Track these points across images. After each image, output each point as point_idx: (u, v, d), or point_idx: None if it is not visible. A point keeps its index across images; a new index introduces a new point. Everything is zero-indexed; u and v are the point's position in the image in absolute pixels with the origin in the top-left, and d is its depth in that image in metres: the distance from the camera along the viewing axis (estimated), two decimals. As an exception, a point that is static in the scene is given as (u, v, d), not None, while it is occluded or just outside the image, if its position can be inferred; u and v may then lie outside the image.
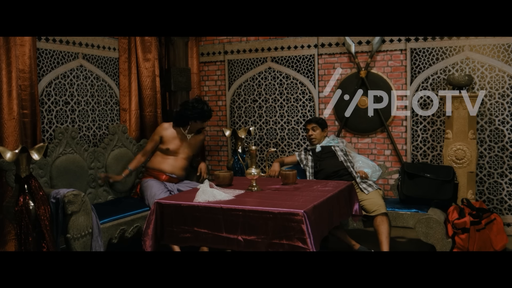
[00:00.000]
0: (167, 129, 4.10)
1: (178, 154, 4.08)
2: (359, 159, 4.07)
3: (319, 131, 4.18)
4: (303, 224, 2.55)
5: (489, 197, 4.54)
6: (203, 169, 4.25)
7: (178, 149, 4.08)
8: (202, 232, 2.81)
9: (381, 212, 3.66)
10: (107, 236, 3.50)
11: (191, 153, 4.17)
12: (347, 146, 4.26)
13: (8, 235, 3.64)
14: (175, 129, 4.11)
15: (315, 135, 4.17)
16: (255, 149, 3.24)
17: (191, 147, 4.16)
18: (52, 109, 4.11)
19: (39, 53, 3.99)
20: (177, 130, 4.11)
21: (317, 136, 4.17)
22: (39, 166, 3.62)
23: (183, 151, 4.10)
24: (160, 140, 4.08)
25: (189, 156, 4.16)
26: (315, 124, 4.19)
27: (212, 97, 5.65)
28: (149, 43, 4.80)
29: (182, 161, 4.10)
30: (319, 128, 4.19)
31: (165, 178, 4.03)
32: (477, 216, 3.61)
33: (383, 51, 4.82)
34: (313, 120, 4.22)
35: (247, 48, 5.40)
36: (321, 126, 4.20)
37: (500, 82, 4.42)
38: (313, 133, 4.17)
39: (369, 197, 3.74)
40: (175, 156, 4.07)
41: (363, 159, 4.09)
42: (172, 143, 4.06)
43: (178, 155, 4.08)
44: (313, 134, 4.17)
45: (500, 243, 3.62)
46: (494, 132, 4.46)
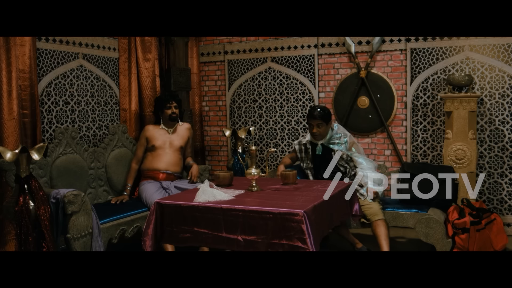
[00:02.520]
0: (149, 129, 4.21)
1: (166, 148, 4.13)
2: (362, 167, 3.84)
3: (325, 126, 3.87)
4: (303, 224, 2.55)
5: (489, 197, 4.54)
6: (193, 173, 4.17)
7: (164, 143, 4.14)
8: (202, 232, 2.81)
9: (378, 219, 3.67)
10: (107, 236, 3.50)
11: (179, 145, 4.20)
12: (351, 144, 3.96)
13: (8, 235, 3.64)
14: (157, 127, 4.23)
15: (320, 132, 3.88)
16: (255, 149, 3.23)
17: (177, 138, 4.21)
18: (52, 109, 4.11)
19: (39, 53, 3.99)
20: (158, 127, 4.22)
21: (322, 133, 3.89)
22: (39, 166, 3.62)
23: (170, 145, 4.16)
24: (147, 141, 4.16)
25: (179, 147, 4.20)
26: (321, 121, 3.85)
27: (212, 97, 5.65)
28: (149, 43, 4.80)
29: (172, 154, 4.13)
30: (324, 124, 3.87)
31: (162, 176, 4.04)
32: (477, 216, 3.61)
33: (383, 51, 4.82)
34: (317, 116, 3.84)
35: (247, 48, 5.40)
36: (326, 121, 3.87)
37: (500, 82, 4.42)
38: (318, 130, 3.87)
39: (366, 203, 3.73)
40: (164, 151, 4.12)
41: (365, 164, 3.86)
42: (157, 139, 4.14)
43: (166, 149, 4.13)
44: (318, 131, 3.87)
45: (500, 243, 3.62)
46: (494, 132, 4.46)
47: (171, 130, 4.21)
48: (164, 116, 4.21)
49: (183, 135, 4.27)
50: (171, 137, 4.18)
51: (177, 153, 4.17)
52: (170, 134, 4.19)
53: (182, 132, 4.27)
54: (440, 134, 4.65)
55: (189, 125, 4.46)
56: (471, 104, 4.13)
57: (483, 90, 4.45)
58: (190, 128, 4.41)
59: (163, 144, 4.13)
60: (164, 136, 4.16)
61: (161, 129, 4.20)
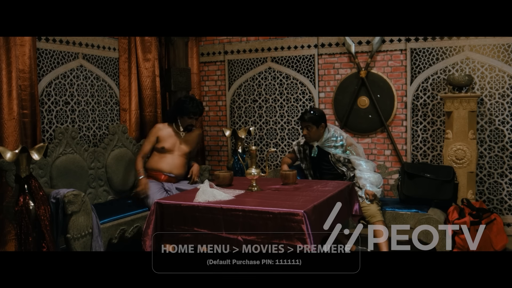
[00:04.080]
0: (162, 129, 4.12)
1: (174, 151, 4.09)
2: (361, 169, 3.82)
3: (314, 129, 3.85)
4: (303, 224, 2.55)
5: (489, 197, 4.54)
6: (194, 172, 4.16)
7: (174, 146, 4.08)
8: (202, 232, 2.81)
9: (376, 220, 3.68)
10: (107, 236, 3.50)
11: (187, 150, 4.16)
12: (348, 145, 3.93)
13: (8, 235, 3.64)
14: (169, 127, 4.12)
15: (310, 134, 3.87)
16: (255, 149, 3.23)
17: (187, 143, 4.15)
18: (52, 109, 4.11)
19: (39, 53, 3.99)
20: (171, 128, 4.12)
21: (312, 135, 3.87)
22: (39, 166, 3.62)
23: (179, 148, 4.10)
24: (156, 140, 4.09)
25: (186, 153, 4.15)
26: (310, 124, 3.83)
27: (212, 97, 5.65)
28: (149, 43, 4.80)
29: (179, 158, 4.10)
30: (313, 126, 3.84)
31: (164, 178, 4.03)
32: (477, 216, 3.61)
33: (383, 51, 4.82)
34: (307, 119, 3.83)
35: (247, 48, 5.40)
36: (315, 124, 3.84)
37: (500, 82, 4.42)
38: (307, 132, 3.87)
39: (364, 205, 3.73)
40: (171, 154, 4.07)
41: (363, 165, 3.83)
42: (167, 141, 4.07)
43: (174, 152, 4.08)
44: (307, 133, 3.87)
45: (500, 243, 3.62)
46: (494, 132, 4.46)
47: (183, 134, 4.14)
48: (184, 121, 4.09)
49: (193, 141, 4.23)
50: (180, 141, 4.11)
51: (184, 157, 4.14)
52: (181, 138, 4.12)
53: (192, 138, 4.21)
54: (440, 134, 4.65)
55: (200, 130, 4.41)
56: (471, 104, 4.13)
57: (483, 90, 4.45)
58: (201, 134, 4.37)
59: (172, 147, 4.07)
60: (174, 139, 4.08)
61: (174, 130, 4.11)
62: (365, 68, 4.84)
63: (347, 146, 3.91)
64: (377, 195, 3.77)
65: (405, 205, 3.89)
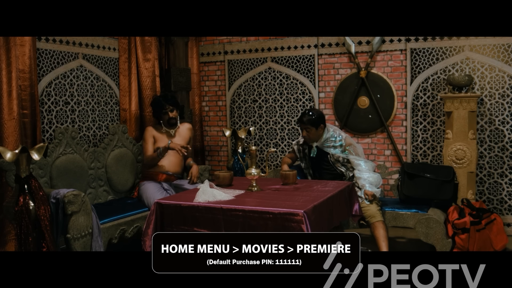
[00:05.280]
0: (153, 130, 4.16)
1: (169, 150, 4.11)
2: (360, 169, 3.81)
3: (313, 131, 3.86)
4: (303, 224, 2.55)
5: (489, 197, 4.54)
6: (193, 173, 4.16)
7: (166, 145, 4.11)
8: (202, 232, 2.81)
9: (376, 220, 3.68)
10: (107, 236, 3.50)
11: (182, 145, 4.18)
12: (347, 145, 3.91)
13: (8, 235, 3.64)
14: (158, 128, 4.18)
15: (309, 136, 3.89)
16: (255, 149, 3.23)
17: (180, 139, 4.18)
18: (52, 109, 4.11)
19: (39, 53, 3.99)
20: (160, 128, 4.18)
21: (311, 137, 3.89)
22: (39, 166, 3.62)
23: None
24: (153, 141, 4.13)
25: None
26: (309, 126, 3.84)
27: (212, 97, 5.65)
28: (149, 43, 4.80)
29: (174, 155, 4.10)
30: (312, 128, 3.85)
31: (162, 177, 4.03)
32: (477, 216, 3.61)
33: (383, 51, 4.82)
34: (305, 121, 3.85)
35: (247, 48, 5.40)
36: (314, 126, 3.84)
37: (500, 82, 4.42)
38: (306, 134, 3.89)
39: (364, 205, 3.73)
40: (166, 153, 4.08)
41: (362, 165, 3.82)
42: (161, 141, 4.09)
43: (168, 151, 4.10)
44: (307, 135, 3.89)
45: (500, 243, 3.62)
46: (494, 132, 4.46)
47: (173, 132, 4.18)
48: (163, 118, 4.16)
49: (185, 136, 4.25)
50: (173, 139, 4.15)
51: (178, 154, 4.15)
52: (171, 136, 4.16)
53: (183, 133, 4.25)
54: (440, 134, 4.65)
55: (190, 125, 4.45)
56: (471, 104, 4.13)
57: (483, 90, 4.45)
58: (191, 128, 4.40)
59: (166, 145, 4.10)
60: (165, 138, 4.12)
61: (162, 130, 4.17)
62: (365, 68, 4.84)
63: (346, 146, 3.90)
64: (377, 195, 3.77)
65: (405, 205, 3.89)
